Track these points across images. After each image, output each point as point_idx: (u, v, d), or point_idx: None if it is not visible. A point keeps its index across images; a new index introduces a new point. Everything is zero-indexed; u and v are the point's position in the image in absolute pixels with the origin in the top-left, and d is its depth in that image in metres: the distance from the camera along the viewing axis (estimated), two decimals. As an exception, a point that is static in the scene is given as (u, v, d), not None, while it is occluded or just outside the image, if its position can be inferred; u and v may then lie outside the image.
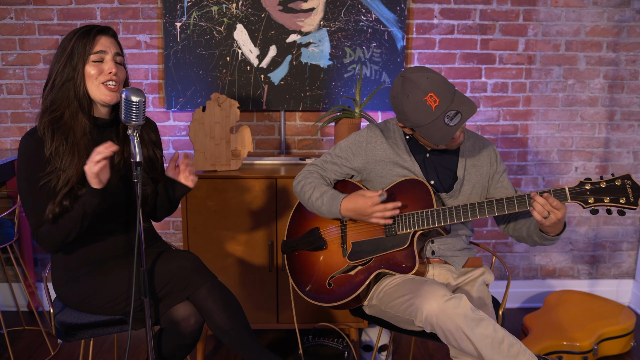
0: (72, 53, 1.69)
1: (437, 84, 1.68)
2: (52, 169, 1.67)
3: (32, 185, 1.67)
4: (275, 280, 2.51)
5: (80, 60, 1.69)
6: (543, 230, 1.73)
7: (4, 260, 2.99)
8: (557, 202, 1.63)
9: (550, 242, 1.79)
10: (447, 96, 1.68)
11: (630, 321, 2.62)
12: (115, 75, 1.72)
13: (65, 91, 1.70)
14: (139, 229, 1.57)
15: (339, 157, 1.96)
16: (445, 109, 1.67)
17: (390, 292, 1.79)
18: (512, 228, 1.91)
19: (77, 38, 1.70)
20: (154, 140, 1.91)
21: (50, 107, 1.71)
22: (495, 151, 1.94)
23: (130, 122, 1.53)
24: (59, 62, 1.70)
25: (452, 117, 1.67)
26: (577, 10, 2.90)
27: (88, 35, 1.70)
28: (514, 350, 1.57)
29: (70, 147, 1.68)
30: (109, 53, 1.72)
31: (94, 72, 1.70)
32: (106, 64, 1.72)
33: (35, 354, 2.61)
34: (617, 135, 3.04)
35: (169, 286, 1.70)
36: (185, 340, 1.75)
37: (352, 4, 2.79)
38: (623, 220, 3.13)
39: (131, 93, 1.51)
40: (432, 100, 1.66)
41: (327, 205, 1.85)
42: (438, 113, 1.67)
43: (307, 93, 2.87)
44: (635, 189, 1.58)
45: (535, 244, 1.84)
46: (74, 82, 1.70)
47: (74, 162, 1.67)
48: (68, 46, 1.70)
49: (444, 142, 1.70)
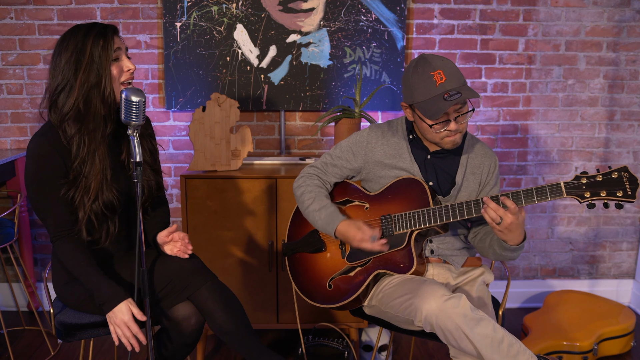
0: (92, 57, 1.62)
1: (449, 67, 1.70)
2: (75, 176, 1.65)
3: (49, 193, 1.64)
4: (275, 280, 2.51)
5: (106, 63, 1.64)
6: (500, 238, 1.69)
7: (4, 260, 2.99)
8: (512, 206, 1.59)
9: (510, 253, 1.73)
10: (454, 79, 1.69)
11: (630, 321, 2.61)
12: (132, 73, 1.71)
13: (92, 97, 1.64)
14: (139, 229, 1.56)
15: (339, 158, 1.96)
16: (449, 88, 1.67)
17: (389, 292, 1.79)
18: (479, 238, 1.88)
19: (93, 41, 1.63)
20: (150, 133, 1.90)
21: (83, 113, 1.64)
22: (496, 164, 1.91)
23: (130, 122, 1.53)
24: (79, 68, 1.62)
25: (452, 95, 1.66)
26: (577, 10, 2.90)
27: (105, 37, 1.64)
28: (514, 350, 1.57)
29: (92, 153, 1.66)
30: (123, 51, 1.70)
31: (115, 72, 1.67)
32: (123, 61, 1.69)
33: (35, 354, 2.61)
34: (617, 135, 3.04)
35: (169, 286, 1.70)
36: (185, 340, 1.74)
37: (352, 4, 2.79)
38: (623, 220, 3.13)
39: (131, 93, 1.50)
40: (438, 76, 1.68)
41: (324, 221, 1.87)
42: (440, 90, 1.67)
43: (307, 93, 2.87)
44: (632, 181, 1.54)
45: (496, 256, 1.79)
46: (101, 87, 1.64)
47: (95, 169, 1.66)
48: (85, 49, 1.62)
49: (436, 116, 1.67)
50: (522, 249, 1.73)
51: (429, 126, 1.74)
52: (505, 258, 1.78)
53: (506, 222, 1.61)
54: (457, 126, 1.73)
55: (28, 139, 2.94)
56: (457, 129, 1.73)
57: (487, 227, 1.87)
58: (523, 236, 1.69)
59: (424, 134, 1.82)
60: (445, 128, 1.73)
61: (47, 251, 3.05)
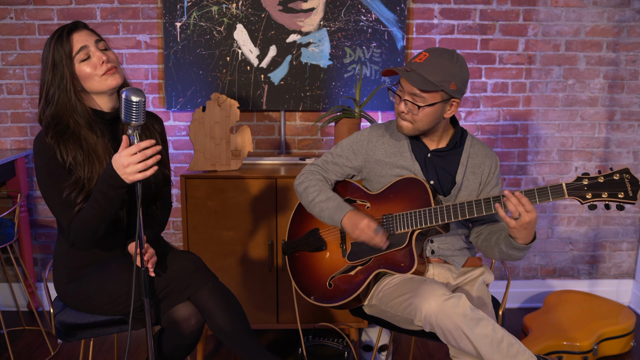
0: (54, 62, 1.67)
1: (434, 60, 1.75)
2: (76, 178, 1.66)
3: (60, 184, 1.66)
4: (275, 280, 2.51)
5: (65, 65, 1.67)
6: (512, 235, 1.69)
7: (4, 260, 2.99)
8: (530, 205, 1.60)
9: (517, 252, 1.73)
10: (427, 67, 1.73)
11: (630, 321, 2.61)
12: (108, 62, 1.71)
13: (63, 101, 1.69)
14: (139, 229, 1.56)
15: (339, 156, 1.96)
16: (414, 68, 1.73)
17: (389, 291, 1.79)
18: (483, 237, 1.88)
19: (54, 45, 1.68)
20: (160, 131, 1.91)
21: (53, 121, 1.68)
22: (497, 165, 1.91)
23: (130, 122, 1.52)
24: (46, 75, 1.69)
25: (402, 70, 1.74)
26: (577, 10, 2.90)
27: (61, 38, 1.68)
28: (514, 349, 1.57)
29: (87, 155, 1.68)
30: (90, 46, 1.70)
31: (89, 70, 1.69)
32: (94, 56, 1.70)
33: (35, 354, 2.61)
34: (617, 135, 3.04)
35: (170, 287, 1.70)
36: (185, 340, 1.74)
37: (352, 4, 2.79)
38: (623, 220, 3.13)
39: (131, 93, 1.49)
40: (422, 55, 1.76)
41: (331, 210, 1.86)
42: (409, 65, 1.76)
43: (307, 93, 2.87)
44: (634, 183, 1.55)
45: (501, 255, 1.79)
46: (67, 89, 1.68)
47: (96, 169, 1.68)
48: (49, 57, 1.68)
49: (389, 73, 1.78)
50: (528, 250, 1.73)
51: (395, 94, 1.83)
52: (511, 257, 1.77)
53: (524, 220, 1.61)
54: (404, 109, 1.77)
55: (28, 139, 2.94)
56: (404, 111, 1.78)
57: (491, 227, 1.87)
58: (533, 236, 1.70)
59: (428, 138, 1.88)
60: (396, 104, 1.81)
61: (47, 251, 3.05)
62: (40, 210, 3.02)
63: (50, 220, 3.02)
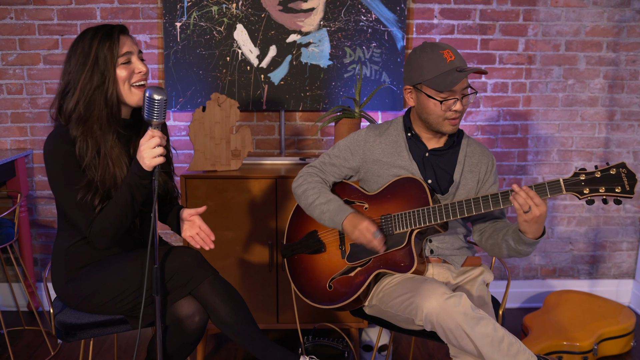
0: (97, 58, 1.65)
1: (454, 49, 1.79)
2: (89, 181, 1.66)
3: (72, 189, 1.66)
4: (275, 280, 2.51)
5: (110, 64, 1.66)
6: (522, 229, 1.69)
7: (4, 260, 2.99)
8: (538, 199, 1.61)
9: (527, 247, 1.72)
10: (461, 59, 1.77)
11: (630, 321, 2.61)
12: (145, 74, 1.73)
13: (95, 99, 1.67)
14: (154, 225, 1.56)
15: (337, 157, 1.96)
16: (459, 65, 1.75)
17: (390, 291, 1.79)
18: (488, 235, 1.87)
19: (99, 42, 1.66)
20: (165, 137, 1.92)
21: (84, 115, 1.67)
22: (493, 163, 1.92)
23: (152, 120, 1.56)
24: (83, 70, 1.65)
25: (462, 69, 1.74)
26: (577, 10, 2.90)
27: (111, 38, 1.66)
28: (514, 349, 1.57)
29: (103, 157, 1.68)
30: (134, 53, 1.71)
31: (124, 74, 1.69)
32: (135, 64, 1.71)
33: (35, 354, 2.61)
34: (617, 135, 3.04)
35: (172, 281, 1.70)
36: (189, 338, 1.75)
37: (352, 4, 2.79)
38: (623, 220, 3.13)
39: (154, 91, 1.53)
40: (448, 54, 1.75)
41: (332, 212, 1.85)
42: (451, 66, 1.74)
43: (307, 93, 2.87)
44: (630, 177, 1.55)
45: (509, 251, 1.78)
46: (104, 89, 1.67)
47: (109, 172, 1.68)
48: (90, 51, 1.65)
49: (450, 87, 1.72)
50: (537, 244, 1.73)
51: (440, 102, 1.76)
52: (519, 253, 1.77)
53: (535, 214, 1.61)
54: (462, 107, 1.77)
55: (28, 139, 2.94)
56: (462, 110, 1.78)
57: (494, 224, 1.88)
58: (542, 231, 1.70)
59: (427, 116, 1.82)
60: (452, 108, 1.76)
61: (47, 251, 3.05)
62: (40, 210, 3.02)
63: (50, 220, 3.02)
